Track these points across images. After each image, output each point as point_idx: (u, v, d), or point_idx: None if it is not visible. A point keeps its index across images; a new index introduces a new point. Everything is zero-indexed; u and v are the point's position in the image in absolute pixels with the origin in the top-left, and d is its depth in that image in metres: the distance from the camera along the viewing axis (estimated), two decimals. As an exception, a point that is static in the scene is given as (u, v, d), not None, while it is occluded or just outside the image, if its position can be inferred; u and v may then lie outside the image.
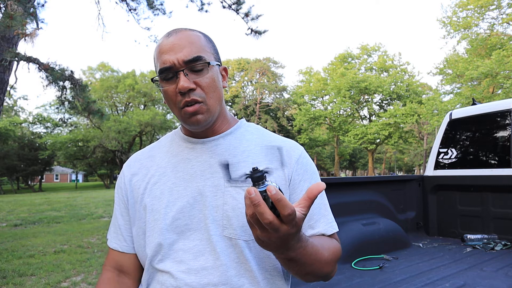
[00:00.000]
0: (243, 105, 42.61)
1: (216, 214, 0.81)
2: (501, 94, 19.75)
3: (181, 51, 0.80)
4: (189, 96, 0.80)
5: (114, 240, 0.93)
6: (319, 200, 0.90)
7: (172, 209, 0.83)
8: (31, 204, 13.50)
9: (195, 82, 0.81)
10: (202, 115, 0.82)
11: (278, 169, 0.86)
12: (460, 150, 3.28)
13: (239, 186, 0.82)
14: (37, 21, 5.62)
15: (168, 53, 0.80)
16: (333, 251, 0.82)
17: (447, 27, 22.38)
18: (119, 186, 0.95)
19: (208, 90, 0.82)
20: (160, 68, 0.81)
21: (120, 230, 0.92)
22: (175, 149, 0.92)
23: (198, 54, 0.81)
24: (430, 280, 1.95)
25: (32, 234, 7.17)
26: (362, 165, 53.05)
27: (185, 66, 0.80)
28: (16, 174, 32.80)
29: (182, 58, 0.80)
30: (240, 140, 0.90)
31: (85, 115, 7.76)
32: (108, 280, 0.92)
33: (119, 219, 0.93)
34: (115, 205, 0.96)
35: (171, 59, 0.80)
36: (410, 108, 28.29)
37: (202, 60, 0.81)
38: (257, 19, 7.32)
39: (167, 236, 0.81)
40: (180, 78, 0.80)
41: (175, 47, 0.81)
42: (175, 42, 0.81)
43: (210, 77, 0.83)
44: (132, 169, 0.94)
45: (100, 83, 34.41)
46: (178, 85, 0.79)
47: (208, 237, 0.80)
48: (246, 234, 0.80)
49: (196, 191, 0.83)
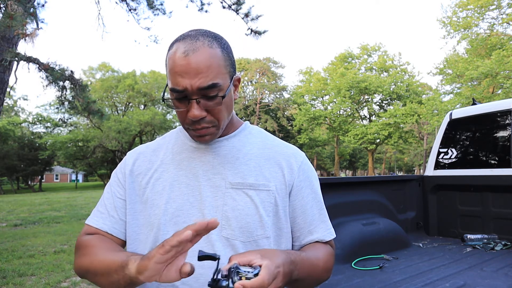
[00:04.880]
0: (243, 105, 42.59)
1: (215, 214, 0.82)
2: (501, 94, 19.75)
3: (197, 76, 0.75)
4: (200, 124, 0.80)
5: (101, 220, 0.88)
6: (319, 207, 0.93)
7: (172, 206, 0.83)
8: (31, 204, 13.50)
9: (207, 110, 0.79)
10: (210, 136, 0.83)
11: (279, 174, 0.88)
12: (460, 150, 3.28)
13: (240, 188, 0.83)
14: (37, 21, 5.62)
15: (183, 76, 0.75)
16: (327, 259, 0.88)
17: (447, 27, 22.38)
18: (120, 171, 0.93)
19: (220, 117, 0.82)
20: (172, 88, 0.78)
21: (116, 212, 0.88)
22: (179, 146, 0.92)
23: (214, 82, 0.77)
24: (430, 280, 1.94)
25: (32, 234, 7.17)
26: (362, 165, 53.04)
27: (198, 94, 0.77)
28: (16, 174, 32.79)
29: (197, 85, 0.75)
30: (244, 143, 0.91)
31: (85, 115, 7.77)
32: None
33: (116, 200, 0.89)
34: (109, 187, 0.92)
35: (185, 84, 0.75)
36: (410, 108, 28.30)
37: (217, 88, 0.77)
38: (257, 19, 7.32)
39: (165, 231, 0.82)
40: (193, 106, 0.77)
41: (190, 71, 0.75)
42: (192, 65, 0.75)
43: (223, 104, 0.81)
44: (135, 160, 0.93)
45: (100, 83, 34.39)
46: (189, 113, 0.78)
47: (206, 236, 0.79)
48: (244, 236, 0.81)
49: (197, 190, 0.84)
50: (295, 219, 0.89)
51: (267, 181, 0.85)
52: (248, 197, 0.83)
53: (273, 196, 0.85)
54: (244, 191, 0.83)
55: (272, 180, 0.86)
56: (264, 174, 0.86)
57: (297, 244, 0.91)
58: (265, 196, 0.84)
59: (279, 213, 0.85)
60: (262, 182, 0.85)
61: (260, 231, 0.82)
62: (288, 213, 0.88)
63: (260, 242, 0.82)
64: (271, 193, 0.85)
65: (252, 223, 0.81)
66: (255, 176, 0.85)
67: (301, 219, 0.89)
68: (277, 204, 0.85)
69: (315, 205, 0.92)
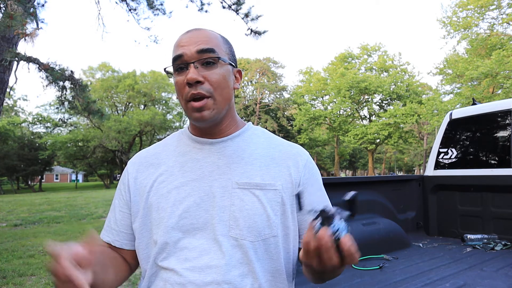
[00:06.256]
0: (243, 105, 42.58)
1: (223, 214, 0.81)
2: (501, 94, 19.75)
3: (196, 43, 0.83)
4: (196, 89, 0.81)
5: (107, 233, 0.93)
6: (324, 202, 0.93)
7: (179, 208, 0.83)
8: (31, 204, 13.50)
9: (204, 76, 0.82)
10: (208, 111, 0.82)
11: (285, 173, 0.88)
12: (460, 150, 3.28)
13: (247, 188, 0.83)
14: (37, 21, 5.62)
15: (182, 46, 0.83)
16: None
17: (447, 27, 22.38)
18: (122, 183, 0.94)
19: (217, 86, 0.83)
20: (173, 57, 0.84)
21: (117, 225, 0.92)
22: (182, 148, 0.92)
23: (211, 47, 0.83)
24: (430, 280, 1.94)
25: (32, 234, 7.17)
26: (362, 165, 53.04)
27: (197, 58, 0.82)
28: (16, 174, 32.79)
29: (195, 49, 0.82)
30: (248, 143, 0.91)
31: (85, 115, 7.77)
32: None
33: (116, 213, 0.92)
34: (115, 200, 0.95)
35: (184, 50, 0.82)
36: (410, 108, 28.29)
37: (214, 54, 0.83)
38: (257, 19, 7.32)
39: (172, 235, 0.81)
40: (190, 69, 0.81)
41: (191, 40, 0.83)
42: (192, 36, 0.84)
43: (220, 74, 0.84)
44: (137, 167, 0.93)
45: (100, 83, 34.40)
46: (186, 76, 0.81)
47: (214, 237, 0.80)
48: (252, 235, 0.81)
49: (203, 192, 0.84)
50: (302, 216, 0.89)
51: (273, 180, 0.86)
52: (255, 197, 0.83)
53: (280, 195, 0.85)
54: (251, 191, 0.83)
55: (278, 179, 0.86)
56: (270, 173, 0.86)
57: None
58: (272, 196, 0.84)
59: (286, 212, 0.85)
60: (269, 182, 0.85)
61: (267, 230, 0.82)
62: (295, 212, 0.88)
63: (268, 241, 0.82)
64: (278, 192, 0.85)
65: (260, 223, 0.81)
66: (261, 176, 0.85)
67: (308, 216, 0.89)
68: (284, 203, 0.85)
69: (321, 202, 0.92)
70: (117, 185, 0.97)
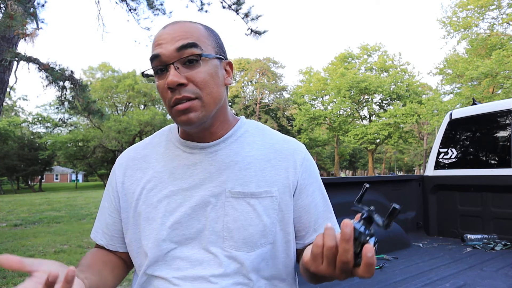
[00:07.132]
0: (243, 105, 42.61)
1: (216, 225, 0.77)
2: (501, 94, 19.75)
3: (174, 39, 0.73)
4: (180, 93, 0.72)
5: (100, 236, 0.90)
6: (324, 203, 0.89)
7: (170, 219, 0.78)
8: (31, 204, 13.50)
9: (187, 77, 0.72)
10: (195, 113, 0.73)
11: (281, 176, 0.83)
12: (460, 150, 3.28)
13: (241, 197, 0.78)
14: (37, 21, 5.62)
15: (160, 44, 0.74)
16: None
17: (447, 27, 22.38)
18: (110, 185, 0.89)
19: (204, 86, 0.74)
20: (150, 57, 0.74)
21: (108, 229, 0.88)
22: (172, 151, 0.84)
23: (192, 41, 0.73)
24: (430, 280, 1.94)
25: (32, 234, 7.17)
26: (362, 165, 53.03)
27: (176, 57, 0.72)
28: (16, 174, 32.78)
29: (174, 47, 0.72)
30: (242, 144, 0.84)
31: (85, 115, 7.77)
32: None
33: (107, 217, 0.89)
34: (104, 202, 0.90)
35: (161, 48, 0.73)
36: (410, 108, 28.30)
37: (196, 49, 0.73)
38: (257, 19, 7.32)
39: (164, 247, 0.78)
40: (170, 71, 0.72)
41: (169, 37, 0.73)
42: (170, 31, 0.74)
43: (205, 72, 0.74)
44: (124, 171, 0.87)
45: (100, 83, 34.43)
46: (166, 80, 0.71)
47: (207, 247, 0.77)
48: (247, 247, 0.77)
49: (194, 202, 0.78)
50: (300, 218, 0.85)
51: (269, 187, 0.80)
52: (250, 207, 0.78)
53: (277, 202, 0.80)
54: (246, 200, 0.78)
55: (275, 184, 0.81)
56: (266, 178, 0.81)
57: (300, 243, 0.87)
58: (269, 203, 0.80)
59: (285, 217, 0.82)
60: (265, 189, 0.80)
61: (263, 239, 0.78)
62: (293, 215, 0.84)
63: (264, 249, 0.79)
64: (275, 199, 0.80)
65: (255, 234, 0.78)
66: (256, 182, 0.80)
67: (306, 218, 0.85)
68: (281, 209, 0.81)
69: (320, 202, 0.88)
70: (106, 184, 0.92)
